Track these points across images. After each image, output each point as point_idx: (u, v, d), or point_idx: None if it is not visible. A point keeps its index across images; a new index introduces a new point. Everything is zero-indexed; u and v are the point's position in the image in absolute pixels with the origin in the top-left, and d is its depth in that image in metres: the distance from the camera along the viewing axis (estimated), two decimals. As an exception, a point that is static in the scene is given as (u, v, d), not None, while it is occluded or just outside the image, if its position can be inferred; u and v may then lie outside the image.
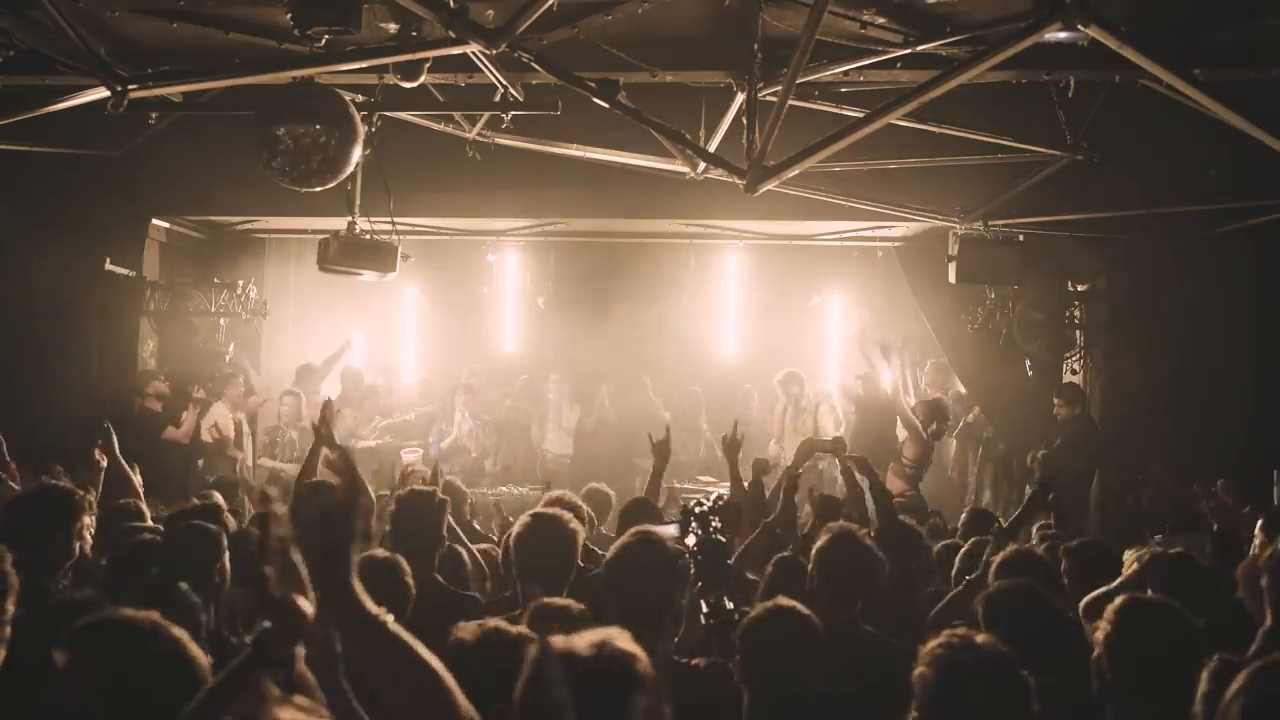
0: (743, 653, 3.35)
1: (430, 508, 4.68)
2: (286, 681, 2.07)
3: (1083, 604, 4.13)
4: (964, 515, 6.63)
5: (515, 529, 4.12)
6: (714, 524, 4.27)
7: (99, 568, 4.38)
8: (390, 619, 2.04)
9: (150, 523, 5.11)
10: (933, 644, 2.66)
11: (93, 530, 4.30)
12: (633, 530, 3.75)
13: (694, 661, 3.52)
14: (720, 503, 4.62)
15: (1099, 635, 3.10)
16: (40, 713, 2.30)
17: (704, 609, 3.71)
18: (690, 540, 4.02)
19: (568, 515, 4.14)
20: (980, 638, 2.71)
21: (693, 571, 3.72)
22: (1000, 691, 2.59)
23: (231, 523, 4.99)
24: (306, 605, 2.06)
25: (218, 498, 6.06)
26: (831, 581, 4.08)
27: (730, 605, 3.74)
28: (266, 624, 2.13)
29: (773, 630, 3.32)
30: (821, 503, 5.92)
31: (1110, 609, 3.16)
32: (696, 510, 4.32)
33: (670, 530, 4.10)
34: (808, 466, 6.66)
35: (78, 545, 4.08)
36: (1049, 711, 2.65)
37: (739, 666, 3.34)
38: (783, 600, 3.44)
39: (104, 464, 5.73)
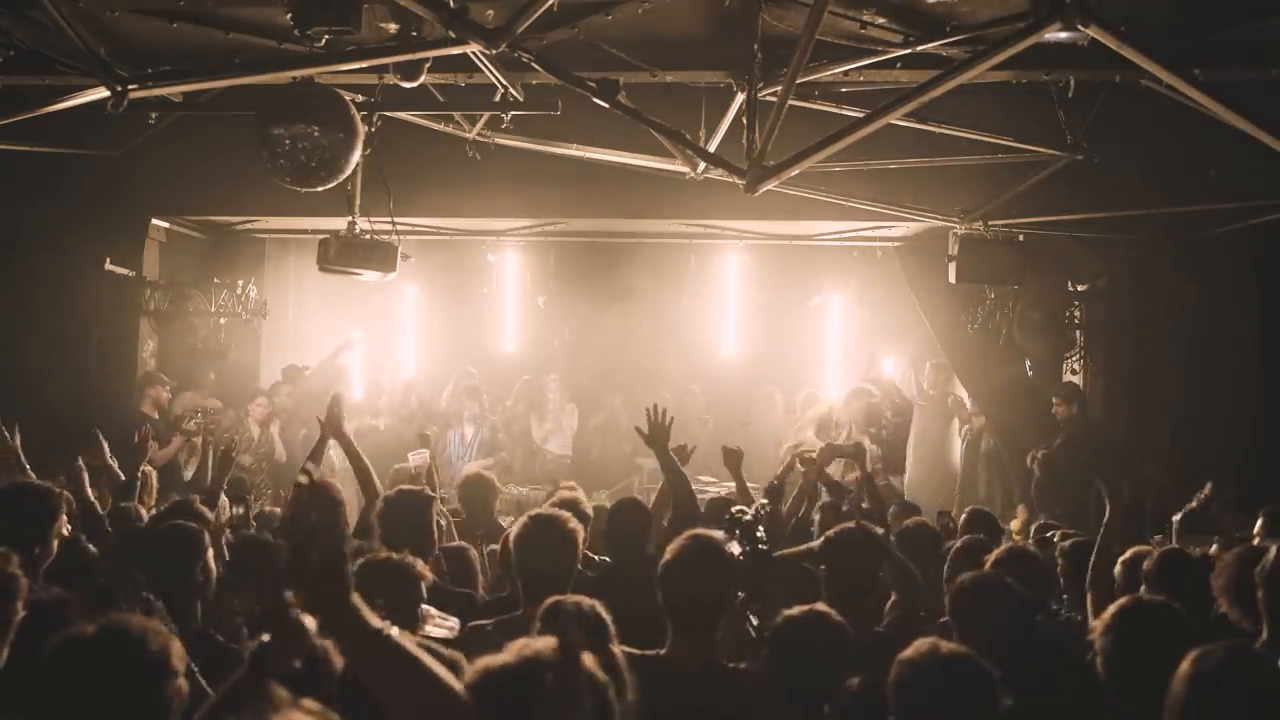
0: (771, 653, 3.36)
1: (418, 506, 4.67)
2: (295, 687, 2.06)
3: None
4: (964, 515, 6.63)
5: (515, 529, 4.12)
6: (760, 535, 4.25)
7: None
8: (394, 630, 2.02)
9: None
10: (905, 650, 2.80)
11: (67, 529, 4.29)
12: (689, 533, 3.74)
13: (740, 666, 3.53)
14: (764, 512, 4.59)
15: (1096, 636, 3.11)
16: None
17: (753, 622, 3.69)
18: (735, 549, 3.98)
19: (567, 515, 4.14)
20: (947, 644, 2.77)
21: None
22: (965, 687, 2.70)
23: (210, 519, 4.97)
24: (310, 621, 2.05)
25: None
26: (836, 575, 4.11)
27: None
28: (265, 638, 2.11)
29: (804, 634, 3.33)
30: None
31: (1108, 611, 3.17)
32: (743, 520, 4.29)
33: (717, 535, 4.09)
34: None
35: (55, 545, 4.09)
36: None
37: (767, 667, 3.34)
38: (819, 605, 3.45)
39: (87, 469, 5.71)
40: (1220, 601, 3.88)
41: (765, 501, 4.95)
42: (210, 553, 3.96)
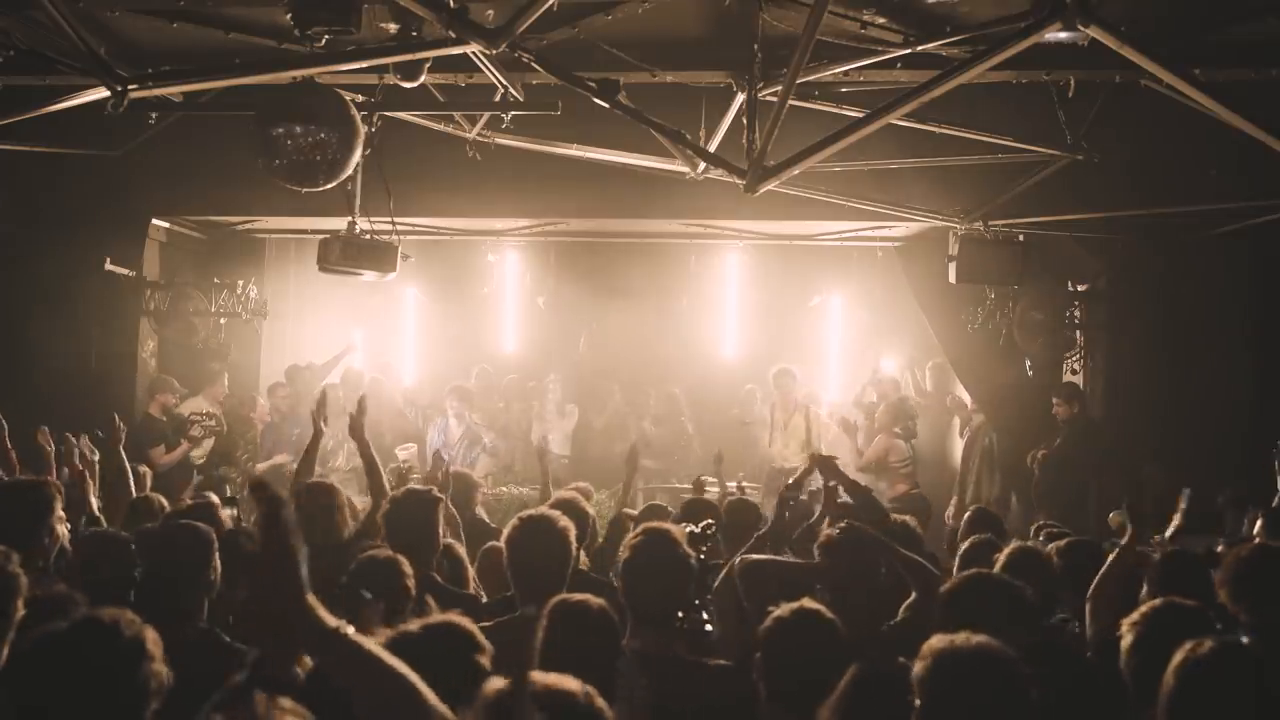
0: (764, 651, 3.37)
1: (425, 507, 4.68)
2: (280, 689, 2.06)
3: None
4: (967, 514, 6.62)
5: (507, 531, 4.16)
6: (702, 549, 4.29)
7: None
8: (350, 630, 2.01)
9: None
10: (932, 640, 2.71)
11: (66, 522, 4.31)
12: (645, 527, 3.79)
13: (700, 660, 3.55)
14: (710, 529, 4.63)
15: (1124, 640, 3.11)
16: None
17: (679, 615, 3.74)
18: None
19: (557, 514, 4.17)
20: (977, 636, 2.73)
21: None
22: (995, 683, 2.63)
23: (227, 521, 4.99)
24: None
25: (213, 498, 6.07)
26: (833, 575, 4.13)
27: (705, 617, 3.79)
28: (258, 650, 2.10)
29: (796, 631, 3.33)
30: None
31: (1138, 613, 3.17)
32: (688, 532, 4.33)
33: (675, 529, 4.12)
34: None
35: (57, 535, 4.11)
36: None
37: (759, 665, 3.36)
38: (808, 603, 3.46)
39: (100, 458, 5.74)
40: (1220, 594, 3.91)
41: (710, 522, 4.97)
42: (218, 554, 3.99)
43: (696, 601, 3.79)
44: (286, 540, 1.95)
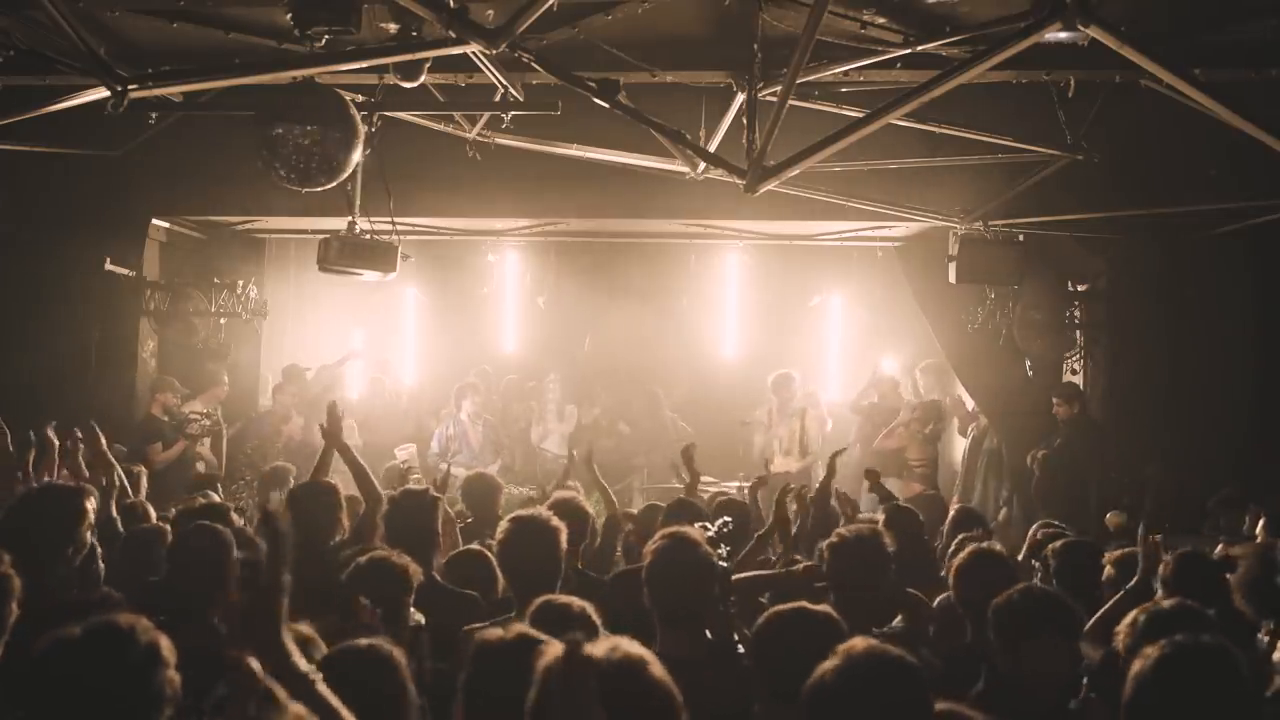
0: (762, 648, 3.36)
1: (423, 507, 4.68)
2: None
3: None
4: (951, 514, 6.63)
5: (499, 532, 4.16)
6: (720, 550, 4.29)
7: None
8: (319, 678, 2.02)
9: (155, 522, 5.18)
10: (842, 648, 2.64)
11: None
12: (666, 531, 3.79)
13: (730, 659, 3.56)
14: (727, 529, 4.63)
15: (1120, 643, 3.11)
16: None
17: (708, 633, 3.74)
18: None
19: (548, 514, 4.18)
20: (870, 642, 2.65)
21: None
22: (885, 689, 2.54)
23: (239, 522, 5.00)
24: (257, 665, 2.05)
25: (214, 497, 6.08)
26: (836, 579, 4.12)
27: (736, 638, 3.79)
28: (224, 688, 2.11)
29: (792, 626, 3.32)
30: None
31: (1131, 617, 3.17)
32: (706, 536, 4.33)
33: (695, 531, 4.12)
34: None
35: (88, 538, 4.13)
36: None
37: (754, 662, 3.35)
38: (803, 602, 3.45)
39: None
40: (1235, 597, 3.90)
41: (728, 519, 4.97)
42: (234, 555, 4.00)
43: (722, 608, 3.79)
44: (279, 580, 1.96)
